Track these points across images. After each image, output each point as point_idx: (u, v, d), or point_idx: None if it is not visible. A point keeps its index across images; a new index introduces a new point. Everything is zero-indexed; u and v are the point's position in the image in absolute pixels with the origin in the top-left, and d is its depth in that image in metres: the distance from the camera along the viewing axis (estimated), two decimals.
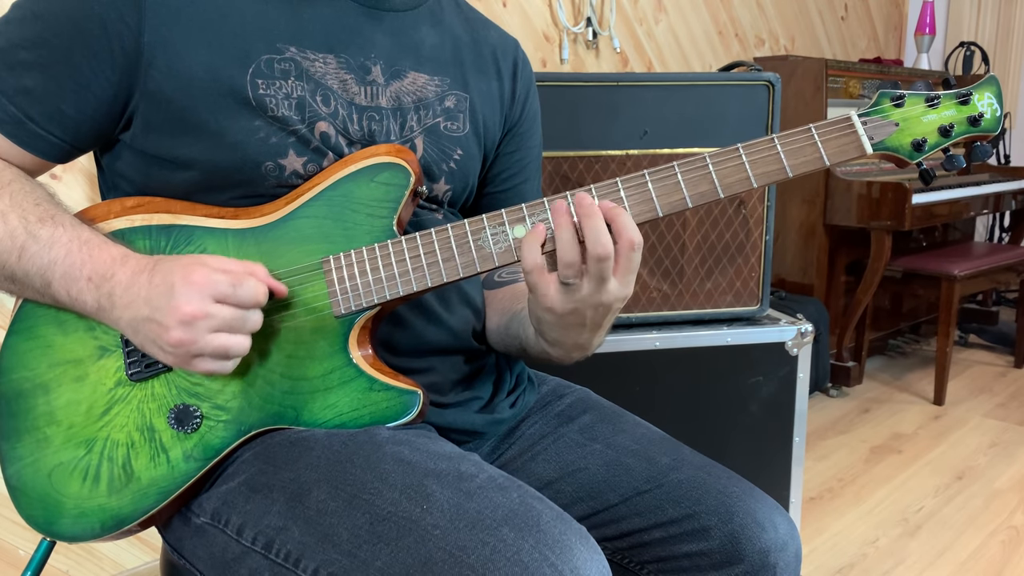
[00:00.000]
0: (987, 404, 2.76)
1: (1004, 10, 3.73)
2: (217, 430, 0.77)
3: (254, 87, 0.76)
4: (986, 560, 1.81)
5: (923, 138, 0.73)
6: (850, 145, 0.73)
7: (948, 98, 0.74)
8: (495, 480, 0.71)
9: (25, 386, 0.77)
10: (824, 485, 2.17)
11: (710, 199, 0.73)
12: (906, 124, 0.73)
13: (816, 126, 0.73)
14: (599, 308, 0.74)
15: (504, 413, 0.91)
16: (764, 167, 0.73)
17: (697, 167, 0.73)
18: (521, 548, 0.63)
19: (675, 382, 1.61)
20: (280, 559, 0.70)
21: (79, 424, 0.76)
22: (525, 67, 0.98)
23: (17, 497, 0.77)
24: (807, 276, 2.76)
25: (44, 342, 0.77)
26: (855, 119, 0.73)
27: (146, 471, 0.76)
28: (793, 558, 0.81)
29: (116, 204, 0.78)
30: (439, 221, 0.88)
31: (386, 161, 0.77)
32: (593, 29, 2.38)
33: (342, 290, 0.76)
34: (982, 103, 0.74)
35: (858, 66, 2.89)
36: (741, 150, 0.73)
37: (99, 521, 0.77)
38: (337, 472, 0.71)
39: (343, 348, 0.77)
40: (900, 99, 0.74)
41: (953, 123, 0.73)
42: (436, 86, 0.87)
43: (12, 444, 0.77)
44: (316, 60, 0.79)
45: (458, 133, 0.88)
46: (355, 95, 0.81)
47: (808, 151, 0.73)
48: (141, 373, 0.76)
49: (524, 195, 0.98)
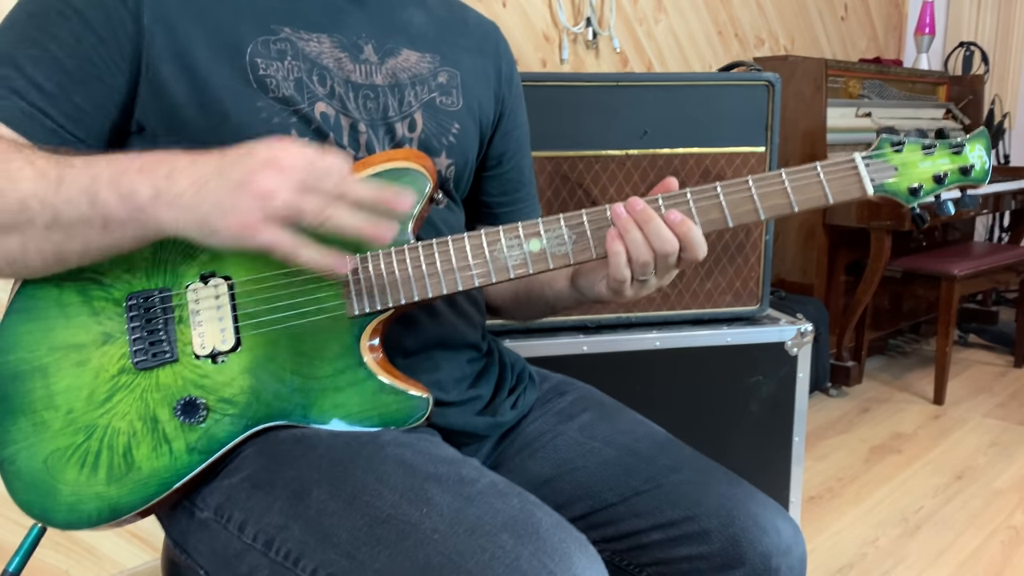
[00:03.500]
0: (987, 404, 2.76)
1: (1004, 10, 3.73)
2: (223, 423, 0.76)
3: (254, 68, 0.76)
4: (986, 560, 1.81)
5: (919, 184, 0.78)
6: (853, 186, 0.77)
7: (943, 147, 0.78)
8: (496, 486, 0.71)
9: (23, 368, 0.75)
10: (824, 485, 2.17)
11: (719, 227, 0.78)
12: (904, 169, 0.78)
13: (822, 164, 0.77)
14: (659, 288, 0.81)
15: (506, 416, 0.91)
16: (772, 200, 0.77)
17: (708, 196, 0.77)
18: (520, 555, 0.63)
19: (675, 382, 1.61)
20: (280, 558, 0.70)
21: (79, 410, 0.75)
22: (506, 49, 1.01)
23: (10, 482, 0.76)
24: (807, 276, 2.76)
25: (45, 324, 0.76)
26: (859, 161, 0.77)
27: (147, 461, 0.75)
28: (797, 562, 0.80)
29: None
30: (443, 212, 0.88)
31: (405, 166, 0.78)
32: (593, 29, 2.38)
33: (357, 291, 0.76)
34: (973, 154, 0.78)
35: (858, 66, 2.89)
36: (751, 182, 0.77)
37: (96, 509, 0.76)
38: (338, 472, 0.71)
39: (354, 349, 0.77)
40: (900, 144, 0.78)
41: (947, 172, 0.78)
42: (428, 63, 0.88)
43: (7, 427, 0.76)
44: (310, 40, 0.80)
45: (453, 108, 0.89)
46: (350, 73, 0.82)
47: (813, 188, 0.77)
48: (147, 362, 0.76)
49: (523, 171, 1.03)
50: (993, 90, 3.68)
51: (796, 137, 2.65)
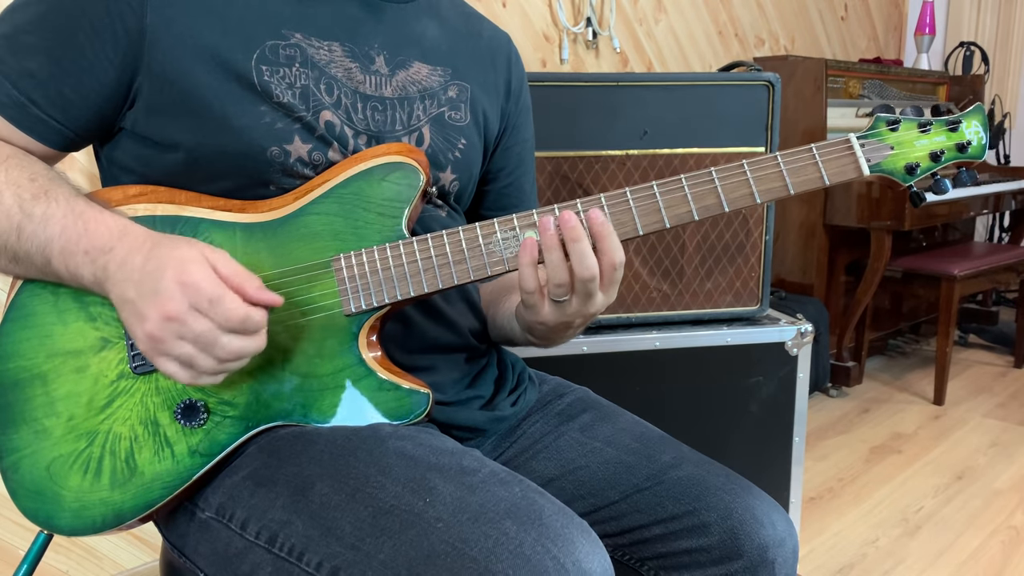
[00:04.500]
0: (987, 404, 2.76)
1: (1004, 10, 3.73)
2: (224, 426, 0.76)
3: (259, 73, 0.76)
4: (986, 560, 1.81)
5: (916, 162, 0.78)
6: (849, 166, 0.77)
7: (939, 124, 0.78)
8: (497, 474, 0.71)
9: (22, 376, 0.76)
10: (824, 485, 2.17)
11: (716, 212, 0.77)
12: (900, 148, 0.78)
13: (817, 146, 0.76)
14: (586, 317, 0.78)
15: (505, 411, 0.91)
16: (768, 183, 0.76)
17: (704, 180, 0.76)
18: (523, 541, 0.63)
19: (675, 382, 1.61)
20: (284, 553, 0.70)
21: (80, 416, 0.76)
22: (517, 61, 1.00)
23: (14, 490, 0.76)
24: (807, 276, 2.76)
25: (42, 331, 0.76)
26: (854, 141, 0.76)
27: (150, 465, 0.76)
28: (791, 554, 0.81)
29: (118, 191, 0.77)
30: (443, 219, 0.88)
31: (397, 160, 0.77)
32: (593, 29, 2.38)
33: (352, 289, 0.76)
34: (969, 131, 0.78)
35: (858, 66, 2.89)
36: (746, 166, 0.76)
37: (100, 515, 0.76)
38: (340, 466, 0.72)
39: (352, 347, 0.77)
40: (895, 123, 0.78)
41: (943, 149, 0.78)
42: (439, 76, 0.87)
43: (8, 435, 0.76)
44: (321, 47, 0.79)
45: (461, 123, 0.88)
46: (359, 83, 0.81)
47: (809, 170, 0.76)
48: (145, 366, 0.76)
49: (523, 187, 1.01)
50: (993, 90, 3.68)
51: (796, 137, 2.65)
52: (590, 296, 0.74)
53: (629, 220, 0.76)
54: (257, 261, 0.76)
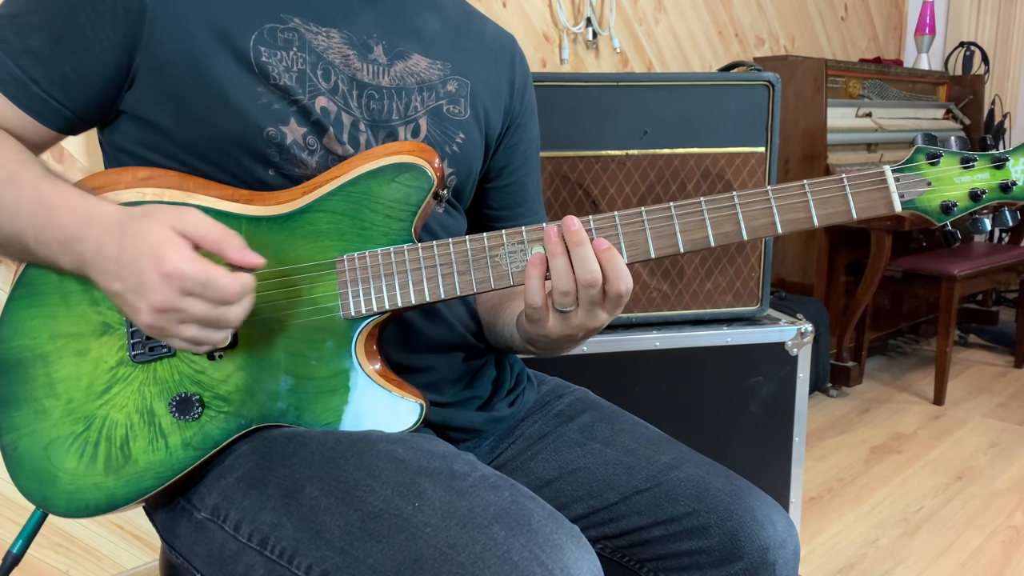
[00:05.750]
0: (987, 404, 2.76)
1: (1004, 10, 3.73)
2: (218, 421, 0.76)
3: (257, 53, 0.76)
4: (986, 560, 1.81)
5: (953, 201, 0.72)
6: (879, 201, 0.72)
7: (984, 160, 0.72)
8: (488, 479, 0.71)
9: (25, 355, 0.76)
10: (824, 485, 2.17)
11: (734, 240, 0.73)
12: (938, 184, 0.72)
13: (848, 176, 0.72)
14: (589, 331, 0.77)
15: (503, 412, 0.91)
16: (792, 214, 0.73)
17: (724, 206, 0.73)
18: (511, 547, 0.63)
19: (675, 382, 1.61)
20: (275, 556, 0.70)
21: (79, 399, 0.76)
22: (522, 61, 0.99)
23: (13, 468, 0.77)
24: (807, 276, 2.76)
25: (47, 312, 0.76)
26: (888, 174, 0.72)
27: (144, 454, 0.76)
28: (792, 555, 0.81)
29: (127, 173, 0.76)
30: (440, 215, 0.88)
31: (409, 161, 0.76)
32: (593, 29, 2.38)
33: (354, 292, 0.76)
34: (1016, 169, 0.71)
35: (858, 66, 2.89)
36: (771, 193, 0.72)
37: (93, 499, 0.76)
38: (330, 469, 0.71)
39: (349, 351, 0.77)
40: (936, 157, 0.72)
41: (985, 188, 0.72)
42: (439, 70, 0.87)
43: (10, 413, 0.76)
44: (319, 33, 0.79)
45: (460, 117, 0.88)
46: (357, 71, 0.81)
47: (837, 202, 0.72)
48: (144, 355, 0.76)
49: (528, 186, 1.00)
50: (993, 90, 3.68)
51: (796, 137, 2.65)
52: (594, 306, 0.73)
53: (642, 241, 0.74)
54: (261, 256, 0.76)
